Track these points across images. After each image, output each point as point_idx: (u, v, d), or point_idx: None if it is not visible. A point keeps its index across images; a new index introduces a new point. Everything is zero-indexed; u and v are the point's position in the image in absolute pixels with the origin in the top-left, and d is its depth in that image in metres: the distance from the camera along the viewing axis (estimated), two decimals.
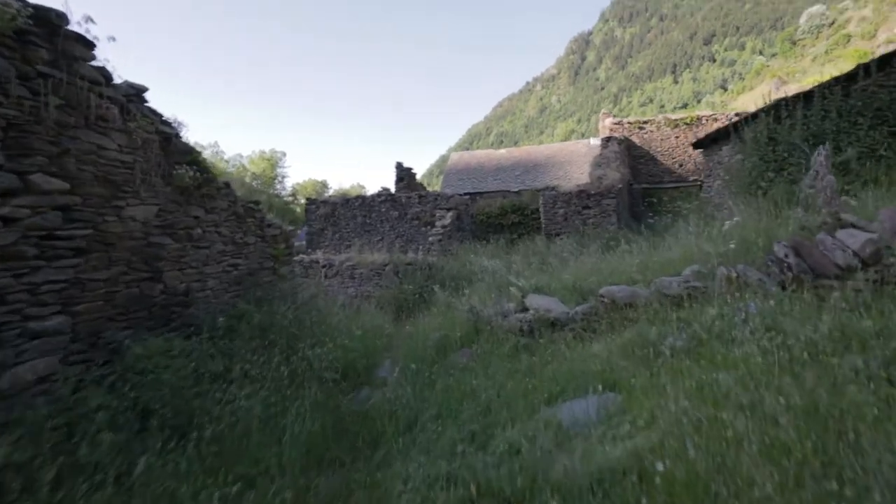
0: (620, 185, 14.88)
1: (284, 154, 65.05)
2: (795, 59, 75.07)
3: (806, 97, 7.36)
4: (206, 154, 68.35)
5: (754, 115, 8.29)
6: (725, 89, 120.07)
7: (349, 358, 5.43)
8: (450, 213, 14.77)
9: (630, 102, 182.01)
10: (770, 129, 7.52)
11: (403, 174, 22.54)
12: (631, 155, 19.94)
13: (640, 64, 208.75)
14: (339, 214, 17.26)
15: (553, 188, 15.08)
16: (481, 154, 31.44)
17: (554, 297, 5.80)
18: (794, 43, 78.65)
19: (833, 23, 73.76)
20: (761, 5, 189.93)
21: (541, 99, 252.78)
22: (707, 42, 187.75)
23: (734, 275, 4.73)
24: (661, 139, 19.99)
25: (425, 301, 9.81)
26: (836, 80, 7.15)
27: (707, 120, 19.59)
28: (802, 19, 78.31)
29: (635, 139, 20.11)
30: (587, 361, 4.30)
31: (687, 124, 19.64)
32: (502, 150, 31.62)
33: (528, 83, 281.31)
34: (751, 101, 44.96)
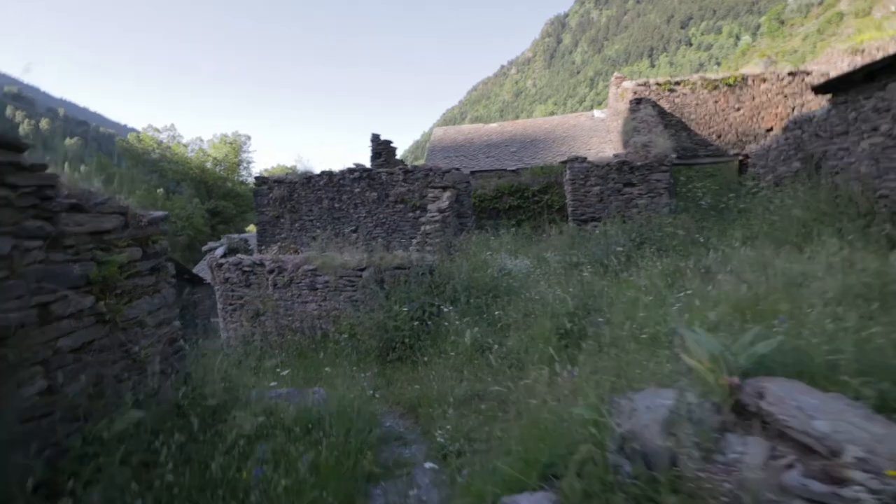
0: (674, 156, 11.29)
1: (249, 138, 59.78)
2: (784, 38, 73.03)
3: None
4: (162, 137, 62.76)
5: None
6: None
7: None
8: (447, 194, 10.93)
9: (606, 86, 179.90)
10: None
11: (381, 148, 18.52)
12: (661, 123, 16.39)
13: (616, 47, 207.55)
14: (299, 197, 13.16)
15: (583, 159, 11.37)
16: (469, 129, 27.52)
17: (862, 406, 2.05)
18: (782, 22, 76.59)
19: (822, 1, 71.80)
20: None
21: (516, 83, 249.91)
22: (684, 26, 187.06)
23: None
24: (696, 104, 16.48)
25: (430, 333, 5.98)
26: None
27: (755, 80, 16.14)
28: None
29: (664, 104, 16.57)
30: None
31: (729, 86, 16.15)
32: (493, 125, 27.76)
33: (503, 67, 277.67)
34: None
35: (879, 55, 17.27)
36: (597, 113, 25.54)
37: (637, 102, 14.86)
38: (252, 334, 8.64)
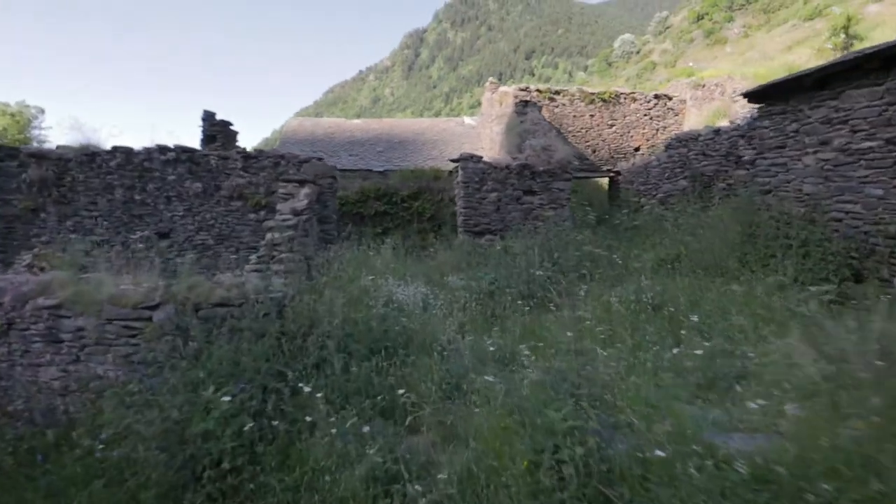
0: (576, 163, 9.96)
1: (42, 111, 47.41)
2: (611, 78, 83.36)
3: None
4: None
5: None
6: None
7: None
8: (305, 190, 7.98)
9: (461, 103, 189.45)
10: None
11: (216, 131, 14.47)
12: None
13: (470, 68, 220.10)
14: (76, 182, 8.88)
15: (478, 159, 9.40)
16: (329, 122, 24.31)
17: None
18: (609, 64, 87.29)
19: (639, 51, 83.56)
20: (570, 32, 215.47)
21: (374, 89, 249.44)
22: (528, 57, 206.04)
23: None
24: (574, 116, 15.94)
25: (276, 442, 3.13)
26: None
27: (626, 98, 16.16)
28: (616, 44, 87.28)
29: (544, 113, 15.70)
30: None
31: (604, 101, 15.91)
32: (357, 121, 24.95)
33: (361, 72, 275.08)
34: None
35: (718, 91, 18.90)
36: (467, 119, 24.47)
37: (524, 105, 13.59)
38: None
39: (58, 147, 8.97)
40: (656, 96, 16.47)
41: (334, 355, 3.79)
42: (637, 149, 16.33)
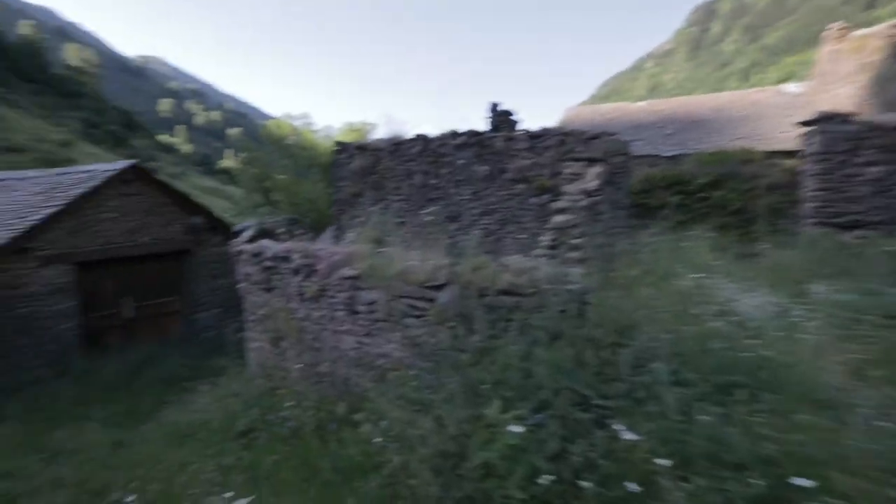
0: None
1: (375, 126, 60.67)
2: None
3: None
4: (297, 124, 66.54)
5: None
6: None
7: None
8: (595, 169, 6.83)
9: (763, 79, 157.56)
10: None
11: (501, 121, 14.76)
12: None
13: (778, 34, 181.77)
14: (385, 170, 9.93)
15: (843, 118, 6.50)
16: (609, 108, 22.63)
17: None
18: None
19: None
20: None
21: (651, 77, 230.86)
22: (868, 6, 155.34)
23: None
24: None
25: None
26: None
27: None
28: None
29: None
30: None
31: None
32: (640, 103, 22.52)
33: (638, 60, 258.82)
34: None
35: None
36: (789, 87, 19.17)
37: None
38: (274, 367, 5.48)
39: (374, 140, 10.24)
40: None
41: (666, 387, 2.50)
42: None
